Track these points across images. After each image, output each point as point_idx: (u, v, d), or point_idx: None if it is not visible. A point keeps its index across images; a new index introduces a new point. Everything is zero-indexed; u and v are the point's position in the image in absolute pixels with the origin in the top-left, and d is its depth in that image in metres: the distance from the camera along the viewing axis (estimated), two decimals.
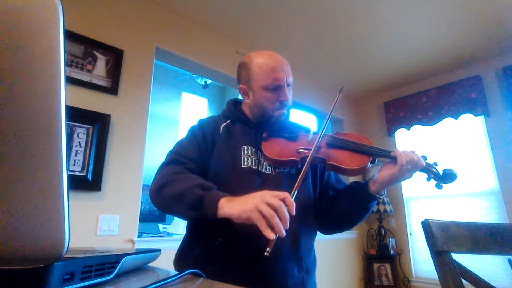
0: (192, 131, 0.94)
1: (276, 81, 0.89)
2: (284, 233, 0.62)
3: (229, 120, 0.96)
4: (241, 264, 0.78)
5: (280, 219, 0.62)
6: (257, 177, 0.86)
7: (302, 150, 0.87)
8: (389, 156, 0.84)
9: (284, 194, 0.66)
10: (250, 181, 0.85)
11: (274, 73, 0.89)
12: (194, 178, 0.78)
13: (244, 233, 0.73)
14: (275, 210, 0.62)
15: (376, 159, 0.86)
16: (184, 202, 0.73)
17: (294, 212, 0.65)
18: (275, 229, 0.61)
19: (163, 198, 0.79)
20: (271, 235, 0.61)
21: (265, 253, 0.60)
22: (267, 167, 0.89)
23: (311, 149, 0.83)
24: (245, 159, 0.87)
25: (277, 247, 0.66)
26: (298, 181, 0.74)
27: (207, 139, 0.91)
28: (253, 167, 0.87)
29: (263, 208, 0.62)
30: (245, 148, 0.89)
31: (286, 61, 0.93)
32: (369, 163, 0.84)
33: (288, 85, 0.92)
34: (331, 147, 0.89)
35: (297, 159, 0.86)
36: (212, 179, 0.85)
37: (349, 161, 0.85)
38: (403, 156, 0.80)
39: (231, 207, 0.67)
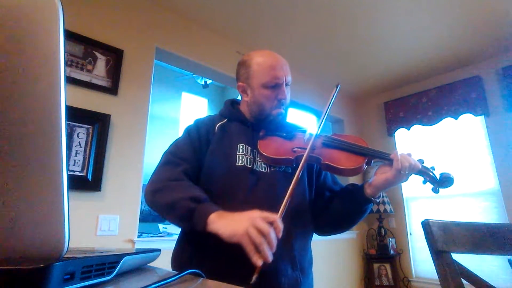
0: (188, 131, 0.95)
1: (275, 79, 0.90)
2: (271, 260, 0.63)
3: (225, 119, 0.97)
4: (233, 263, 0.78)
5: (268, 244, 0.63)
6: (252, 175, 0.86)
7: (297, 149, 0.88)
8: (385, 158, 0.84)
9: (273, 217, 0.67)
10: (245, 180, 0.85)
11: (274, 71, 0.90)
12: (187, 187, 0.79)
13: None
14: (264, 236, 0.63)
15: (372, 161, 0.86)
16: (176, 213, 0.76)
17: (280, 236, 0.66)
18: (263, 256, 0.62)
19: (156, 204, 0.81)
20: (259, 262, 0.62)
21: (251, 281, 0.61)
22: (263, 165, 0.89)
23: (306, 149, 0.83)
24: (240, 158, 0.88)
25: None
26: (286, 197, 0.73)
27: (202, 138, 0.91)
28: (248, 166, 0.87)
29: (253, 234, 0.63)
30: (241, 147, 0.90)
31: (285, 61, 0.95)
32: (364, 164, 0.84)
33: (286, 84, 0.93)
34: (326, 147, 0.90)
35: (292, 158, 0.86)
36: (206, 178, 0.86)
37: (344, 161, 0.85)
38: (400, 161, 0.79)
39: (221, 226, 0.68)
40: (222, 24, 2.53)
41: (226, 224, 0.68)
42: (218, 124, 0.95)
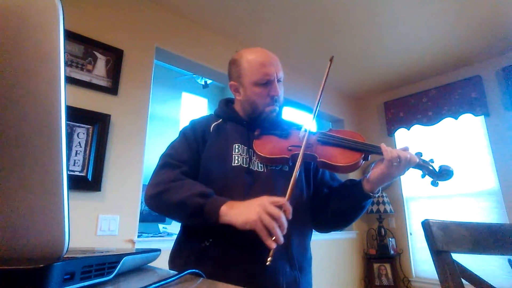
0: (184, 133, 0.94)
1: (266, 76, 0.90)
2: (283, 241, 0.66)
3: (220, 119, 0.97)
4: (231, 263, 0.78)
5: (279, 226, 0.66)
6: (248, 175, 0.86)
7: (292, 148, 0.87)
8: (378, 152, 0.83)
9: (282, 200, 0.70)
10: (241, 180, 0.84)
11: (264, 68, 0.90)
12: (191, 185, 0.79)
13: (234, 233, 0.74)
14: (276, 219, 0.67)
15: (369, 156, 0.85)
16: (185, 210, 0.76)
17: (291, 217, 0.69)
18: (276, 238, 0.65)
19: (162, 205, 0.81)
20: (273, 245, 0.65)
21: (267, 263, 0.63)
22: (259, 165, 0.88)
23: (301, 146, 0.82)
24: (236, 158, 0.87)
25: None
26: (291, 181, 0.75)
27: (198, 139, 0.91)
28: (244, 166, 0.86)
29: (265, 219, 0.66)
30: (236, 146, 0.89)
31: (276, 57, 0.94)
32: (361, 160, 0.83)
33: (278, 81, 0.93)
34: (322, 144, 0.88)
35: (288, 157, 0.85)
36: (204, 179, 0.86)
37: (340, 158, 0.83)
38: (388, 152, 0.80)
39: (233, 216, 0.71)
40: (222, 24, 2.53)
41: (238, 213, 0.71)
42: (214, 124, 0.94)
